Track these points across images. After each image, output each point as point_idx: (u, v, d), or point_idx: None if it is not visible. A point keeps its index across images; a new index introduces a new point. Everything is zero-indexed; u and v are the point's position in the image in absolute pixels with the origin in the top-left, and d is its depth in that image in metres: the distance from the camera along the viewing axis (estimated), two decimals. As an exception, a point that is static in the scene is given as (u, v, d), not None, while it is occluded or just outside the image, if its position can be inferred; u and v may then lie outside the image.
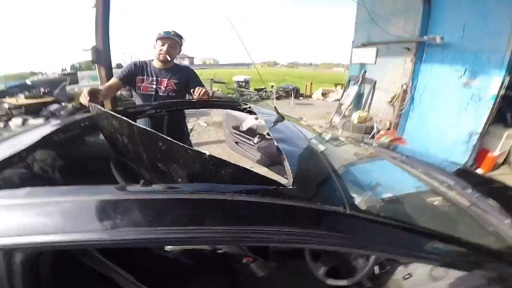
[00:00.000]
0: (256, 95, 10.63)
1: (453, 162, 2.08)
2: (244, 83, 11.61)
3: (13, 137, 1.22)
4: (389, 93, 5.63)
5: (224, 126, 2.84)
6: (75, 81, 9.58)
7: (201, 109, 5.47)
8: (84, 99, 1.43)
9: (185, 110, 2.23)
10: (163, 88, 2.01)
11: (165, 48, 1.93)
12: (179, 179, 0.92)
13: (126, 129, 1.00)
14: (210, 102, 2.01)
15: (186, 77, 2.05)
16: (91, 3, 3.89)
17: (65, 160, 1.63)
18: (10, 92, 5.33)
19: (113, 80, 1.99)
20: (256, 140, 2.47)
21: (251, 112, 1.94)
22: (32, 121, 4.69)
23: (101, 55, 4.18)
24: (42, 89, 5.31)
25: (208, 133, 5.89)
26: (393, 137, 4.75)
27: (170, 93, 2.01)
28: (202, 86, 2.08)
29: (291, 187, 0.78)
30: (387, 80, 5.85)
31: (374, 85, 6.28)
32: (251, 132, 2.53)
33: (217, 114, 6.78)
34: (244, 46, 1.43)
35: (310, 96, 12.29)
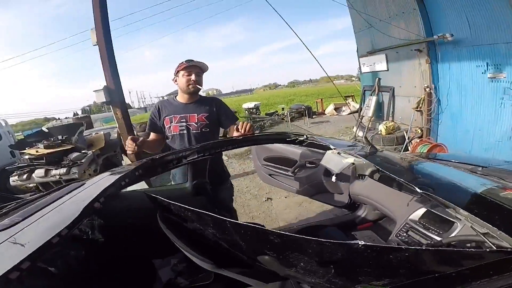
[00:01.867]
0: (269, 120, 10.57)
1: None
2: (254, 109, 11.66)
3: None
4: (411, 98, 5.42)
5: (254, 158, 2.70)
6: (89, 124, 9.74)
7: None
8: (132, 147, 1.46)
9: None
10: (195, 125, 1.83)
11: (193, 77, 1.79)
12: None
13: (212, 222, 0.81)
14: (256, 138, 1.77)
15: (216, 108, 1.88)
16: (93, 40, 3.89)
17: (104, 218, 1.48)
18: (29, 142, 5.30)
19: (150, 135, 1.94)
20: (294, 170, 2.29)
21: (306, 144, 1.72)
22: (54, 171, 4.61)
23: (114, 94, 4.14)
24: (59, 136, 5.24)
25: (231, 165, 5.74)
26: (432, 144, 4.38)
27: (203, 129, 1.83)
28: (235, 116, 1.96)
29: None
30: (405, 85, 5.65)
31: (393, 92, 6.07)
32: (286, 162, 2.36)
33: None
34: (317, 61, 1.29)
35: (323, 113, 12.22)
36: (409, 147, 4.95)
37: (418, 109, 5.10)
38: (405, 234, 1.33)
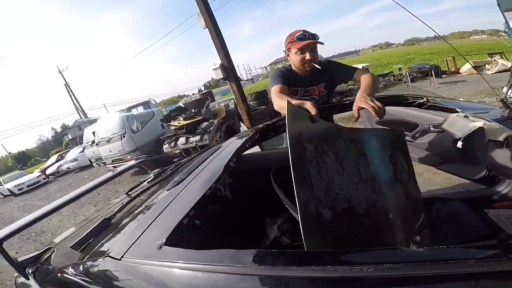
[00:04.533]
0: (382, 81, 9.44)
1: None
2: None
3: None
4: None
5: (365, 123, 2.52)
6: (212, 98, 11.40)
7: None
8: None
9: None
10: (317, 98, 1.75)
11: (307, 55, 1.60)
12: None
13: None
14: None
15: (331, 72, 1.75)
16: (202, 24, 4.42)
17: (231, 177, 1.83)
18: (172, 116, 6.73)
19: (284, 89, 1.63)
20: (414, 135, 2.04)
21: (428, 106, 1.54)
22: (192, 139, 5.77)
23: (228, 70, 4.72)
24: (192, 110, 6.42)
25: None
26: None
27: (323, 99, 1.78)
28: (352, 67, 1.73)
29: None
30: None
31: None
32: (403, 126, 2.10)
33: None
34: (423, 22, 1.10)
35: (457, 72, 9.96)
36: None
37: None
38: None
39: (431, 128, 1.89)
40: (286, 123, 0.86)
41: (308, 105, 1.00)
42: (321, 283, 0.55)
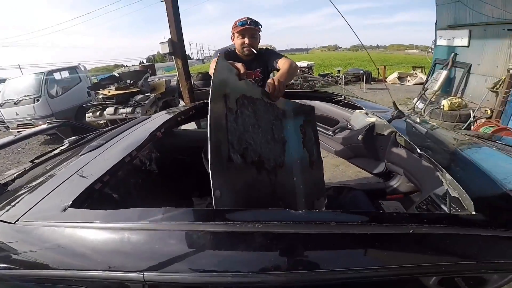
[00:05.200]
0: (321, 81, 10.16)
1: None
2: (307, 69, 11.22)
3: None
4: (489, 78, 4.99)
5: None
6: (153, 72, 10.59)
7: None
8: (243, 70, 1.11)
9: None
10: (252, 81, 1.83)
11: (246, 40, 1.72)
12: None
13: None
14: (296, 93, 1.86)
15: (266, 59, 1.85)
16: None
17: (160, 152, 1.75)
18: (103, 85, 6.10)
19: None
20: (334, 130, 2.31)
21: (342, 104, 1.73)
22: (122, 110, 5.32)
23: (177, 46, 4.53)
24: (128, 81, 5.92)
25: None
26: (498, 126, 3.94)
27: (258, 84, 1.87)
28: (280, 55, 1.81)
29: (473, 213, 0.67)
30: (486, 64, 5.23)
31: (469, 69, 5.60)
32: (327, 121, 2.37)
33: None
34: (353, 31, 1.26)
35: (384, 81, 11.22)
36: (471, 127, 4.61)
37: (494, 89, 4.70)
38: (424, 207, 1.35)
39: (348, 126, 2.17)
40: (214, 70, 0.87)
41: (239, 65, 1.02)
42: (223, 236, 0.62)
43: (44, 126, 1.95)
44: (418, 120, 1.48)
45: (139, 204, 1.44)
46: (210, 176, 0.73)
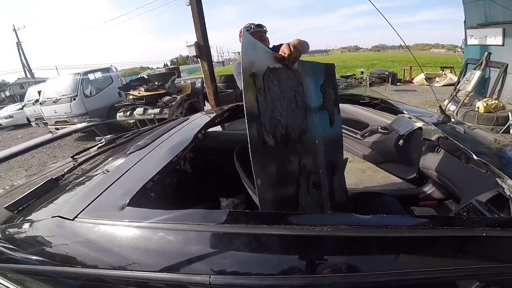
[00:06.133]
0: (344, 82, 9.97)
1: None
2: (329, 71, 11.00)
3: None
4: None
5: None
6: (179, 74, 10.90)
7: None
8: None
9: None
10: None
11: None
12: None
13: None
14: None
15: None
16: (186, 1, 4.34)
17: (193, 152, 1.80)
18: (133, 86, 6.35)
19: None
20: (363, 134, 2.26)
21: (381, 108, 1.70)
22: (150, 110, 5.53)
23: (203, 49, 4.66)
24: (156, 83, 6.12)
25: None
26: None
27: None
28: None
29: None
30: None
31: (505, 69, 5.24)
32: (356, 125, 2.32)
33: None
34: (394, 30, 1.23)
35: (410, 82, 10.86)
36: (510, 130, 4.33)
37: None
38: (465, 213, 1.30)
39: (379, 129, 2.12)
40: (241, 52, 0.82)
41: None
42: (291, 239, 0.62)
43: (83, 124, 2.07)
44: (464, 124, 1.43)
45: (173, 203, 1.51)
46: (252, 166, 0.73)
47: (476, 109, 4.96)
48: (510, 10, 4.89)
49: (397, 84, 10.24)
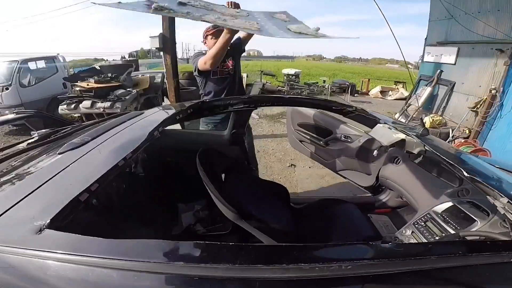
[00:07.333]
0: (307, 89, 10.27)
1: None
2: (294, 77, 11.30)
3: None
4: (471, 97, 5.10)
5: (288, 122, 2.68)
6: (136, 67, 10.22)
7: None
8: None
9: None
10: (231, 67, 2.20)
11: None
12: None
13: None
14: (302, 100, 1.81)
15: (230, 49, 2.06)
16: None
17: (147, 153, 1.60)
18: (81, 77, 5.76)
19: None
20: (326, 141, 2.28)
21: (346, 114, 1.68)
22: (99, 104, 4.98)
23: (167, 42, 4.37)
24: (109, 74, 5.64)
25: (261, 126, 5.81)
26: (475, 147, 4.12)
27: (236, 69, 2.24)
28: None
29: None
30: (469, 83, 5.33)
31: (452, 87, 5.74)
32: (320, 132, 2.33)
33: (269, 108, 6.67)
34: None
35: (366, 94, 11.60)
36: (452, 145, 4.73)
37: (475, 109, 4.82)
38: (423, 223, 1.35)
39: (342, 138, 2.15)
40: None
41: None
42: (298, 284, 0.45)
43: (11, 115, 1.77)
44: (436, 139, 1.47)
45: (121, 213, 1.25)
46: None
47: (424, 123, 5.40)
48: (469, 30, 5.21)
49: (355, 95, 10.83)
